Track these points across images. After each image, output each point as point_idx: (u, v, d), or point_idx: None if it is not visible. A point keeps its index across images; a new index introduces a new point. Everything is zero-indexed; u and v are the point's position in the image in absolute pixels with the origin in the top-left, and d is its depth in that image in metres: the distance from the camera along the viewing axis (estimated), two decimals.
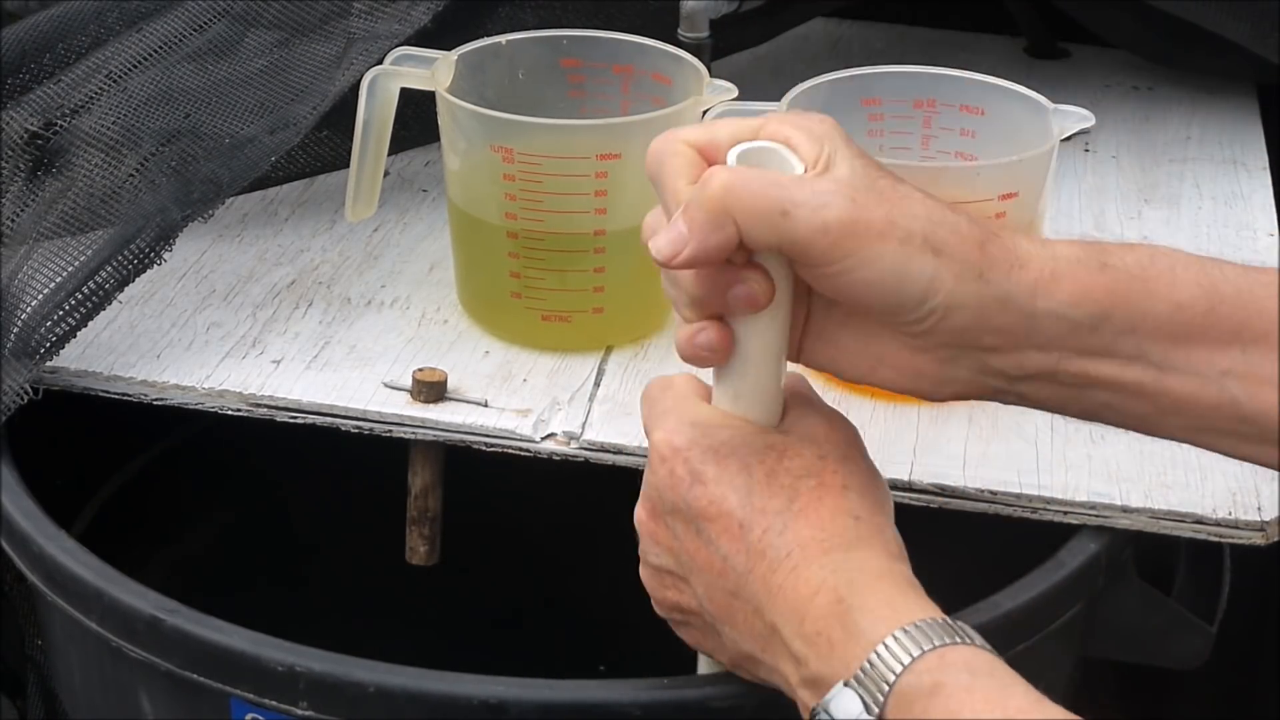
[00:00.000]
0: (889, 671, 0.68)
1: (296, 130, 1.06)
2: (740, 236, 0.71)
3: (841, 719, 0.69)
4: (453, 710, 0.79)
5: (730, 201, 0.71)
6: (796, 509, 0.74)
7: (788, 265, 0.74)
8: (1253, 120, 1.34)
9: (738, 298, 0.73)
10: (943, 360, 0.75)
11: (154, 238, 1.00)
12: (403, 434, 0.95)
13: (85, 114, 1.05)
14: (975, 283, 0.72)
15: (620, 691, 0.80)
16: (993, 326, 0.73)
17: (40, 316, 0.96)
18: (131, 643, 0.84)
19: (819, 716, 0.70)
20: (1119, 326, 0.74)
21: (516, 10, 1.15)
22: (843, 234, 0.71)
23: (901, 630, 0.69)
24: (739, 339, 0.75)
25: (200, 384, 0.97)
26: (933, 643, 0.68)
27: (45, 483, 0.94)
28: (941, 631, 0.69)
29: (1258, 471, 0.93)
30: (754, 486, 0.74)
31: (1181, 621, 0.94)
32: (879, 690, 0.68)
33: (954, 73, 1.00)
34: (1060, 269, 0.73)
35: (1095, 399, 0.76)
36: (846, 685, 0.69)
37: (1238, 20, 1.26)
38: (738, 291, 0.73)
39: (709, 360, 0.76)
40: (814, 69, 1.00)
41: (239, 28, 1.12)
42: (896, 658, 0.68)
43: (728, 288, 0.73)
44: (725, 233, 0.71)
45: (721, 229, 0.71)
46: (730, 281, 0.73)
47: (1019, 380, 0.75)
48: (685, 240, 0.71)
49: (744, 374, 0.76)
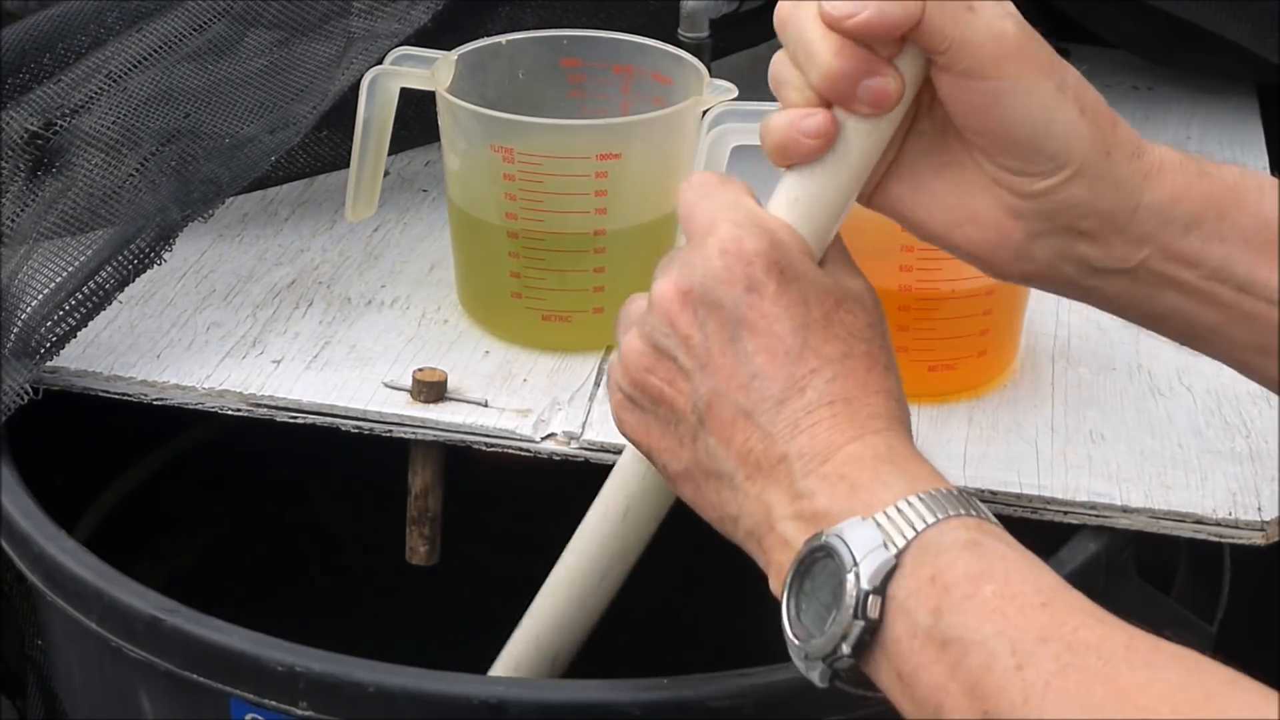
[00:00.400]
0: (918, 519, 0.66)
1: (296, 130, 1.06)
2: (922, 15, 0.69)
3: (855, 545, 0.66)
4: (453, 710, 0.79)
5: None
6: (850, 365, 0.71)
7: (919, 82, 0.71)
8: (1253, 120, 1.34)
9: (870, 88, 0.71)
10: (1032, 234, 0.73)
11: (154, 238, 1.00)
12: (403, 434, 0.95)
13: (85, 114, 1.05)
14: (1103, 157, 0.72)
15: (620, 691, 0.80)
16: (1100, 209, 0.73)
17: (40, 316, 0.96)
18: (131, 643, 0.84)
19: (826, 540, 0.67)
20: (1209, 233, 0.74)
21: (516, 10, 1.15)
22: (1015, 48, 0.70)
23: (940, 491, 0.67)
24: (835, 141, 0.72)
25: (200, 384, 0.97)
26: (970, 512, 0.67)
27: (45, 483, 0.94)
28: (978, 509, 0.68)
29: (1258, 471, 0.93)
30: (811, 323, 0.71)
31: (1181, 621, 0.94)
32: (901, 534, 0.66)
33: None
34: (1167, 165, 0.74)
35: (1167, 302, 0.75)
36: (864, 520, 0.67)
37: (1238, 20, 1.26)
38: (873, 82, 0.71)
39: (803, 150, 0.73)
40: None
41: (239, 27, 1.12)
42: (930, 509, 0.66)
43: (864, 74, 0.71)
44: (909, 7, 0.69)
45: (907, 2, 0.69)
46: (870, 69, 0.71)
47: (1099, 273, 0.74)
48: (864, 4, 0.69)
49: (815, 178, 0.73)
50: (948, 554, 0.65)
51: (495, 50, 1.03)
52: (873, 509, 0.67)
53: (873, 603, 0.65)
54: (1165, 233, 0.73)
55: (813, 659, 0.68)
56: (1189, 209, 0.73)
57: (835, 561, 0.66)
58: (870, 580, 0.65)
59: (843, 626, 0.66)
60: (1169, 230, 0.73)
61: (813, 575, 0.68)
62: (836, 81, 0.71)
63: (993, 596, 0.64)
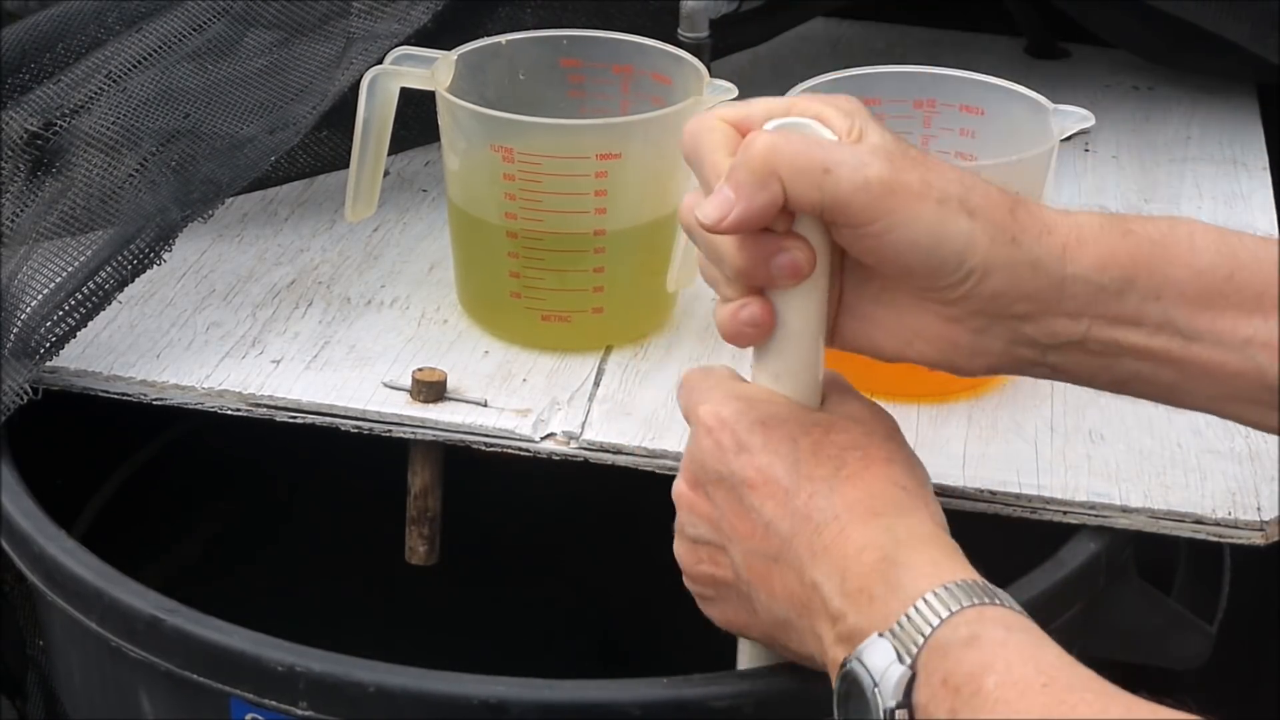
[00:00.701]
0: (925, 624, 0.69)
1: (296, 130, 1.06)
2: (785, 197, 0.73)
3: (873, 666, 0.69)
4: (453, 710, 0.79)
5: (775, 160, 0.72)
6: (844, 476, 0.75)
7: (827, 236, 0.75)
8: (1253, 120, 1.34)
9: (781, 266, 0.75)
10: (976, 331, 0.76)
11: (154, 238, 1.00)
12: (402, 434, 0.95)
13: (85, 114, 1.05)
14: (1008, 246, 0.74)
15: (620, 691, 0.80)
16: (1024, 292, 0.74)
17: (40, 317, 0.96)
18: (131, 643, 0.84)
19: (850, 666, 0.70)
20: (1144, 292, 0.75)
21: (516, 10, 1.15)
22: (883, 191, 0.72)
23: (942, 587, 0.70)
24: (780, 314, 0.76)
25: (200, 384, 0.97)
26: (972, 600, 0.69)
27: (45, 483, 0.94)
28: (981, 592, 0.70)
29: (1257, 471, 0.93)
30: (800, 456, 0.75)
31: (1181, 621, 0.94)
32: (913, 642, 0.69)
33: (954, 73, 1.00)
34: (1085, 235, 0.75)
35: (1125, 368, 0.76)
36: (881, 636, 0.70)
37: (1238, 20, 1.26)
38: (780, 260, 0.75)
39: (752, 336, 0.77)
40: (814, 69, 1.00)
41: (239, 27, 1.12)
42: (935, 611, 0.69)
43: (770, 257, 0.75)
44: (770, 191, 0.72)
45: (767, 187, 0.72)
46: (773, 250, 0.75)
47: (1050, 350, 0.76)
48: (732, 203, 0.73)
49: (784, 351, 0.77)
50: (953, 654, 0.68)
51: (495, 50, 1.03)
52: (888, 619, 0.70)
53: (900, 717, 0.69)
54: (1100, 300, 0.75)
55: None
56: (1117, 273, 0.75)
57: (860, 684, 0.70)
58: (892, 696, 0.69)
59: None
60: (1103, 297, 0.75)
61: (851, 699, 0.71)
62: (749, 273, 0.75)
63: (995, 688, 0.66)
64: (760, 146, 0.73)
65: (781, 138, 0.73)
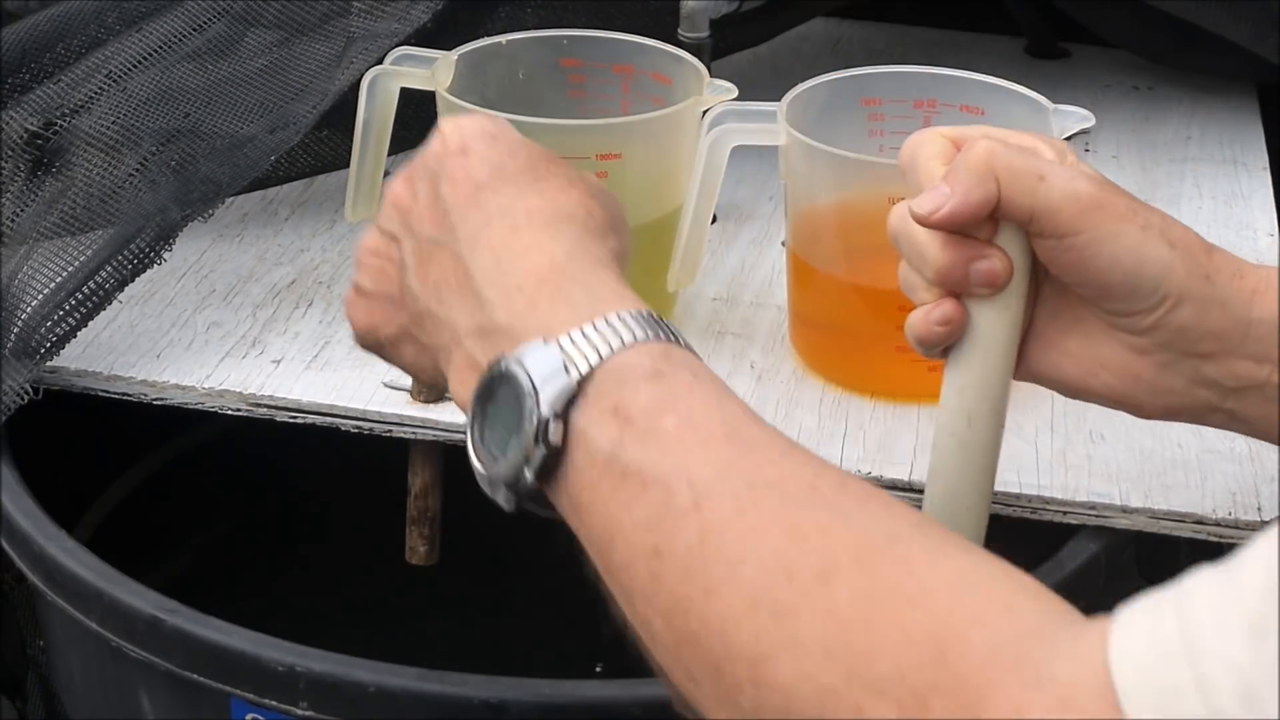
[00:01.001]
0: (604, 344, 0.65)
1: (296, 129, 1.06)
2: (998, 198, 0.75)
3: (534, 371, 0.65)
4: (453, 710, 0.79)
5: (994, 161, 0.75)
6: (539, 189, 0.72)
7: (1027, 255, 0.77)
8: (1253, 120, 1.34)
9: (979, 272, 0.76)
10: (1160, 365, 0.78)
11: (154, 237, 1.00)
12: (402, 434, 0.95)
13: (85, 114, 1.05)
14: (1201, 282, 0.76)
15: (620, 691, 0.80)
16: (1212, 329, 0.76)
17: (40, 316, 0.96)
18: (132, 643, 0.84)
19: (506, 365, 0.66)
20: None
21: (516, 10, 1.15)
22: (1093, 205, 0.75)
23: (628, 312, 0.66)
24: (972, 324, 0.77)
25: (200, 384, 0.97)
26: (658, 334, 0.66)
27: (46, 483, 0.94)
28: (668, 331, 0.67)
29: (1258, 472, 0.93)
30: (508, 163, 0.73)
31: None
32: (585, 359, 0.65)
33: (954, 73, 1.00)
34: (1274, 283, 0.77)
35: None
36: (547, 343, 0.66)
37: (1238, 20, 1.26)
38: (980, 265, 0.76)
39: (941, 335, 0.78)
40: (814, 69, 1.00)
41: (239, 27, 1.12)
42: (617, 333, 0.66)
43: (970, 261, 0.76)
44: (986, 189, 0.74)
45: (984, 185, 0.74)
46: (974, 255, 0.76)
47: (1231, 393, 0.78)
48: (947, 196, 0.75)
49: (971, 363, 0.78)
50: (630, 384, 0.64)
51: (495, 50, 1.03)
52: (554, 331, 0.66)
53: (554, 429, 0.64)
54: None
55: (496, 483, 0.67)
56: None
57: (515, 386, 0.65)
58: (551, 405, 0.64)
59: (524, 452, 0.65)
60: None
61: (496, 399, 0.67)
62: (948, 273, 0.77)
63: (675, 429, 0.63)
64: (982, 148, 0.75)
65: (1001, 145, 0.76)
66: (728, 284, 1.10)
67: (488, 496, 0.69)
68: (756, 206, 1.20)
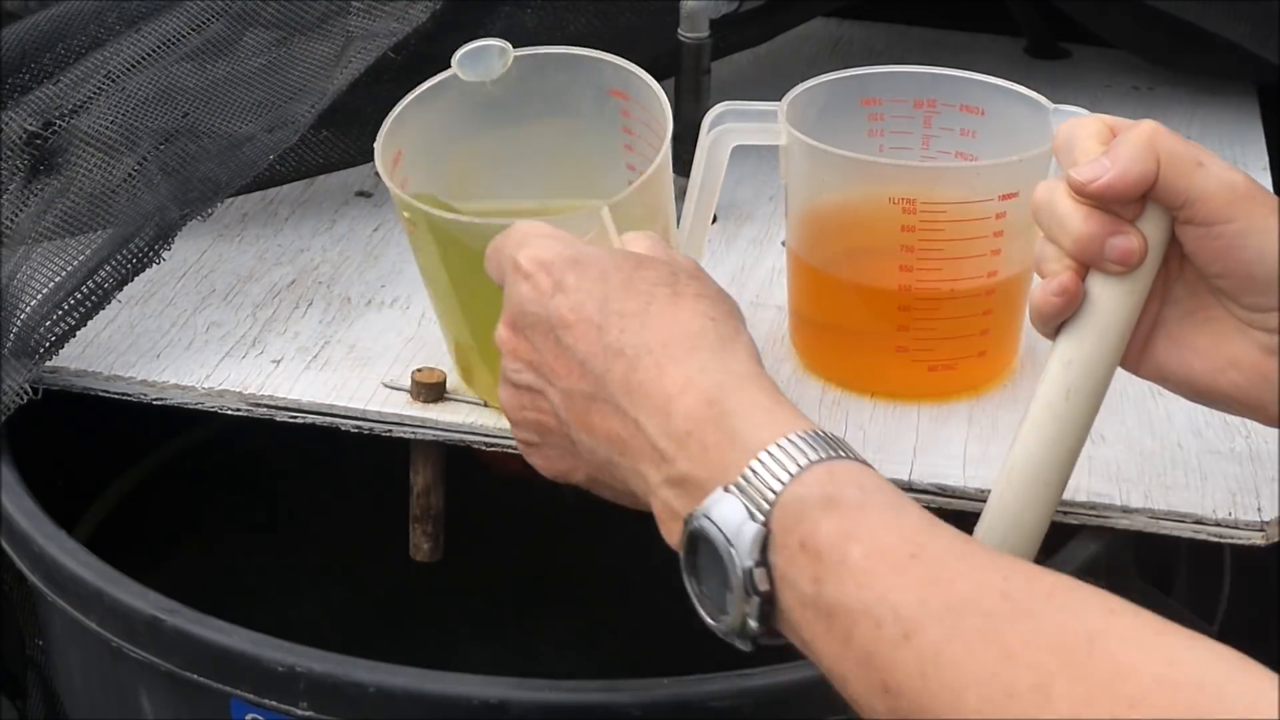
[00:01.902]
0: (774, 480, 0.68)
1: (294, 129, 1.06)
2: (1156, 178, 0.76)
3: (724, 522, 0.68)
4: (453, 710, 0.79)
5: (1157, 141, 0.76)
6: (654, 311, 0.75)
7: (1164, 242, 0.77)
8: (1253, 120, 1.34)
9: (1115, 247, 0.77)
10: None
11: (153, 237, 1.00)
12: (402, 434, 0.95)
13: (84, 114, 1.05)
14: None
15: (620, 691, 0.80)
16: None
17: (40, 316, 0.96)
18: (132, 643, 0.84)
19: (697, 524, 0.69)
20: None
21: (516, 10, 1.15)
22: (1246, 195, 0.76)
23: (785, 439, 0.69)
24: (1092, 301, 0.78)
25: (200, 384, 0.97)
26: (818, 454, 0.68)
27: (46, 483, 0.94)
28: (825, 444, 0.69)
29: (1258, 472, 0.93)
30: (610, 292, 0.76)
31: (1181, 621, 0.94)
32: (763, 499, 0.68)
33: (954, 73, 1.00)
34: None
35: None
36: (727, 490, 0.69)
37: (1238, 20, 1.26)
38: (1117, 241, 0.77)
39: (1056, 307, 0.78)
40: (814, 69, 1.00)
41: (237, 27, 1.12)
42: (782, 466, 0.68)
43: (1109, 235, 0.77)
44: (1146, 166, 0.76)
45: (1143, 162, 0.76)
46: (1114, 229, 0.77)
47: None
48: (1107, 169, 0.76)
49: (1083, 339, 0.78)
50: (808, 517, 0.67)
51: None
52: (728, 471, 0.69)
53: (759, 575, 0.67)
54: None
55: (730, 636, 0.70)
56: None
57: (712, 541, 0.68)
58: (749, 555, 0.67)
59: (741, 606, 0.68)
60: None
61: (700, 554, 0.70)
62: (1085, 244, 0.77)
63: (862, 558, 0.65)
64: (1146, 127, 0.77)
65: (1163, 128, 0.77)
66: (727, 284, 1.10)
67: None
68: (756, 206, 1.20)
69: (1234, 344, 0.79)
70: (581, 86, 0.95)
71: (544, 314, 0.77)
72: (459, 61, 0.94)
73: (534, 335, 0.78)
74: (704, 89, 1.13)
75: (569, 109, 0.96)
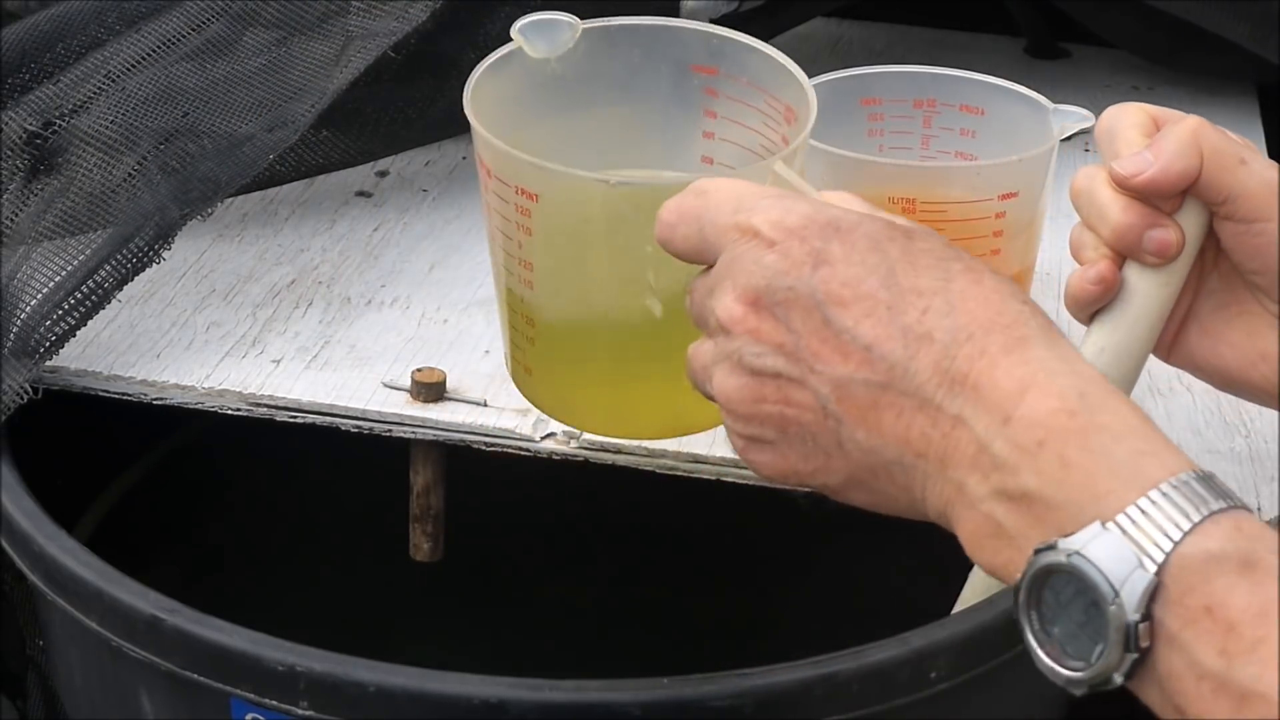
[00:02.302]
0: (1172, 526, 0.59)
1: (294, 129, 1.06)
2: (1199, 174, 0.76)
3: (1106, 567, 0.59)
4: (453, 710, 0.79)
5: (1201, 137, 0.76)
6: (956, 289, 0.65)
7: (1202, 235, 0.78)
8: (1253, 120, 1.34)
9: (1153, 239, 0.77)
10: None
11: (153, 236, 1.00)
12: (402, 434, 0.95)
13: (84, 114, 1.05)
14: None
15: (620, 691, 0.80)
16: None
17: (40, 316, 0.96)
18: (132, 643, 0.84)
19: (1061, 557, 0.60)
20: None
21: (516, 10, 1.15)
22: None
23: (1181, 479, 0.60)
24: (1128, 291, 0.78)
25: (200, 383, 0.97)
26: (1220, 503, 0.60)
27: (46, 483, 0.94)
28: (1220, 492, 0.60)
29: (1257, 471, 0.93)
30: (894, 266, 0.66)
31: None
32: (1157, 546, 0.59)
33: (954, 73, 1.00)
34: None
35: None
36: (1105, 527, 0.60)
37: (1238, 20, 1.26)
38: (1155, 233, 0.77)
39: (1094, 295, 0.78)
40: (814, 69, 1.00)
41: (237, 27, 1.12)
42: (1182, 512, 0.59)
43: (1148, 227, 0.77)
44: (1189, 162, 0.76)
45: (1187, 158, 0.76)
46: (1152, 221, 0.77)
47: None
48: (1150, 163, 0.76)
49: (1117, 328, 0.79)
50: (1221, 578, 0.58)
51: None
52: (1104, 506, 0.60)
53: (1143, 631, 0.59)
54: None
55: (1078, 685, 0.62)
56: None
57: (1085, 583, 0.60)
58: (1136, 610, 0.59)
59: (1112, 661, 0.60)
60: None
61: (1054, 588, 0.62)
62: (1124, 234, 0.77)
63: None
64: (1192, 122, 0.77)
65: (1209, 124, 0.77)
66: None
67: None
68: None
69: (1266, 338, 0.79)
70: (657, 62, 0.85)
71: (805, 289, 0.66)
72: (522, 32, 0.85)
73: (788, 312, 0.67)
74: None
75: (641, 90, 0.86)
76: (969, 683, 0.80)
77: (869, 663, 0.78)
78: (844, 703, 0.78)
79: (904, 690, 0.79)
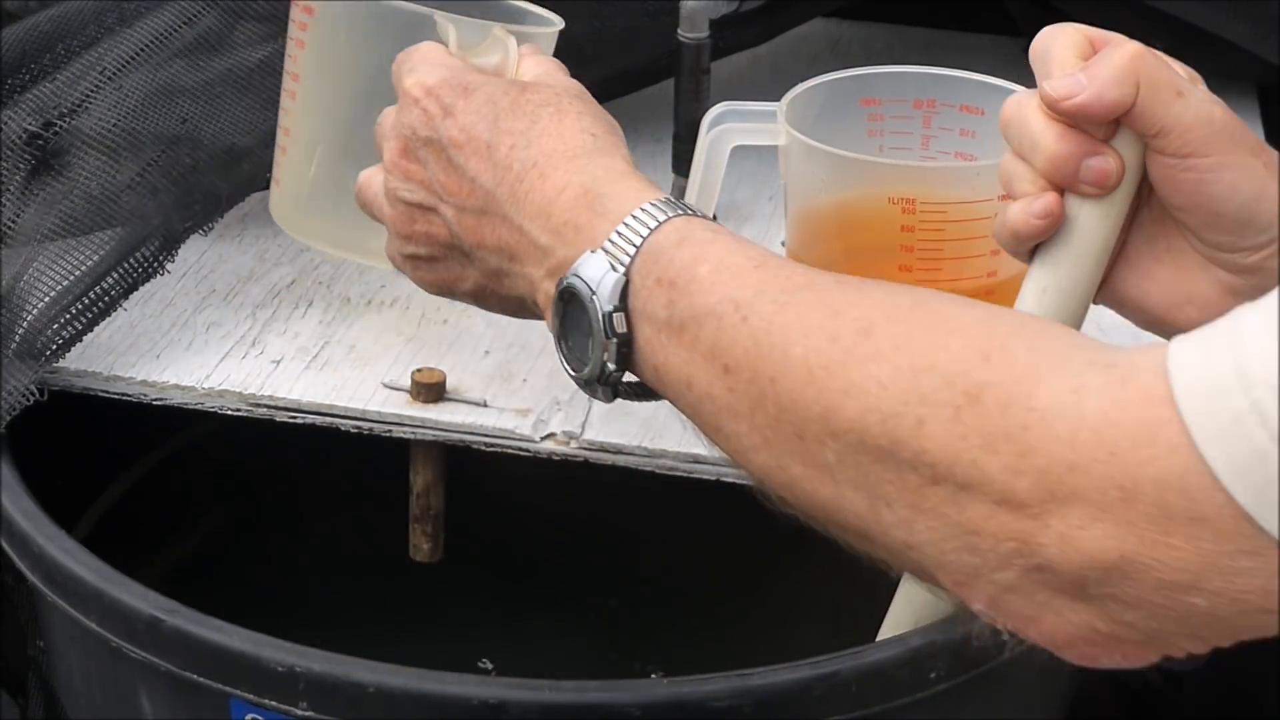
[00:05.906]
0: (635, 235, 0.75)
1: None
2: (1133, 105, 0.73)
3: (589, 277, 0.75)
4: (453, 710, 0.79)
5: (1139, 66, 0.74)
6: (539, 129, 0.81)
7: (1139, 165, 0.75)
8: (1253, 121, 1.34)
9: (1091, 168, 0.75)
10: None
11: (158, 247, 1.00)
12: (402, 434, 0.95)
13: (83, 114, 1.05)
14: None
15: (620, 691, 0.80)
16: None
17: (47, 319, 0.96)
18: (131, 643, 0.84)
19: (567, 281, 0.76)
20: None
21: None
22: (1223, 130, 0.74)
23: (648, 203, 0.76)
24: (1068, 225, 0.76)
25: (200, 384, 0.97)
26: (677, 212, 0.76)
27: (46, 483, 0.94)
28: (685, 206, 0.76)
29: None
30: (500, 114, 0.82)
31: None
32: (625, 252, 0.75)
33: (954, 73, 1.00)
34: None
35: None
36: (594, 252, 0.76)
37: (1238, 20, 1.26)
38: (1093, 162, 0.75)
39: (1039, 230, 0.76)
40: (814, 69, 1.00)
41: (228, 20, 1.11)
42: (642, 223, 0.75)
43: (1085, 156, 0.75)
44: (1124, 91, 0.74)
45: (1122, 86, 0.73)
46: (1090, 150, 0.75)
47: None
48: (1083, 87, 0.74)
49: (1059, 265, 0.77)
50: (664, 256, 0.74)
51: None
52: (599, 241, 0.76)
53: (618, 319, 0.75)
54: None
55: (591, 384, 0.78)
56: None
57: (577, 294, 0.76)
58: (609, 301, 0.75)
59: (601, 347, 0.76)
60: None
61: (569, 315, 0.77)
62: (1060, 164, 0.75)
63: (710, 273, 0.73)
64: (1130, 50, 0.75)
65: (1148, 52, 0.75)
66: None
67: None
68: (756, 206, 1.20)
69: (1195, 279, 0.78)
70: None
71: (435, 136, 0.83)
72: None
73: (426, 155, 0.83)
74: (704, 89, 1.13)
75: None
76: (969, 683, 0.80)
77: (869, 663, 0.78)
78: (844, 703, 0.78)
79: (904, 690, 0.79)
